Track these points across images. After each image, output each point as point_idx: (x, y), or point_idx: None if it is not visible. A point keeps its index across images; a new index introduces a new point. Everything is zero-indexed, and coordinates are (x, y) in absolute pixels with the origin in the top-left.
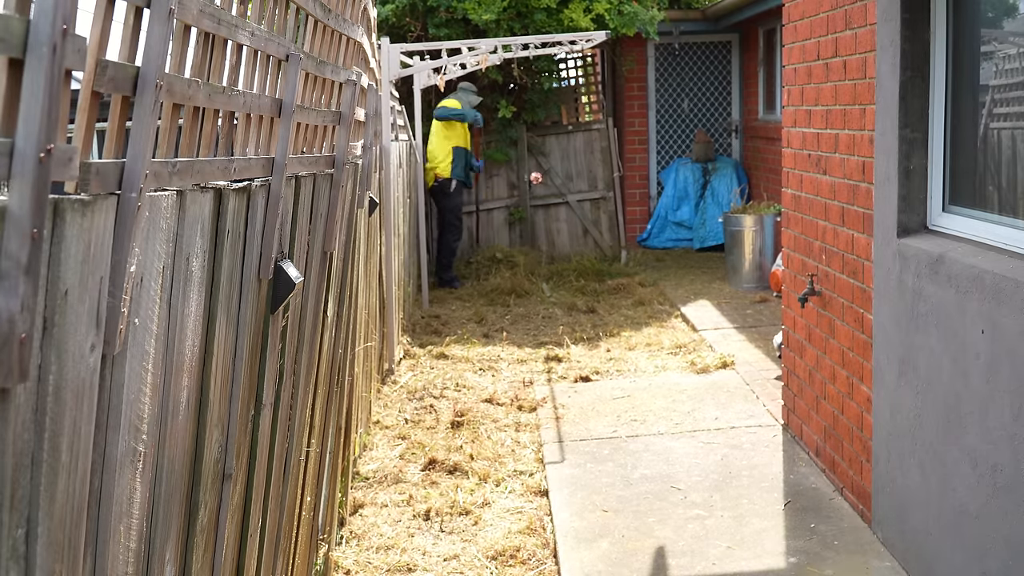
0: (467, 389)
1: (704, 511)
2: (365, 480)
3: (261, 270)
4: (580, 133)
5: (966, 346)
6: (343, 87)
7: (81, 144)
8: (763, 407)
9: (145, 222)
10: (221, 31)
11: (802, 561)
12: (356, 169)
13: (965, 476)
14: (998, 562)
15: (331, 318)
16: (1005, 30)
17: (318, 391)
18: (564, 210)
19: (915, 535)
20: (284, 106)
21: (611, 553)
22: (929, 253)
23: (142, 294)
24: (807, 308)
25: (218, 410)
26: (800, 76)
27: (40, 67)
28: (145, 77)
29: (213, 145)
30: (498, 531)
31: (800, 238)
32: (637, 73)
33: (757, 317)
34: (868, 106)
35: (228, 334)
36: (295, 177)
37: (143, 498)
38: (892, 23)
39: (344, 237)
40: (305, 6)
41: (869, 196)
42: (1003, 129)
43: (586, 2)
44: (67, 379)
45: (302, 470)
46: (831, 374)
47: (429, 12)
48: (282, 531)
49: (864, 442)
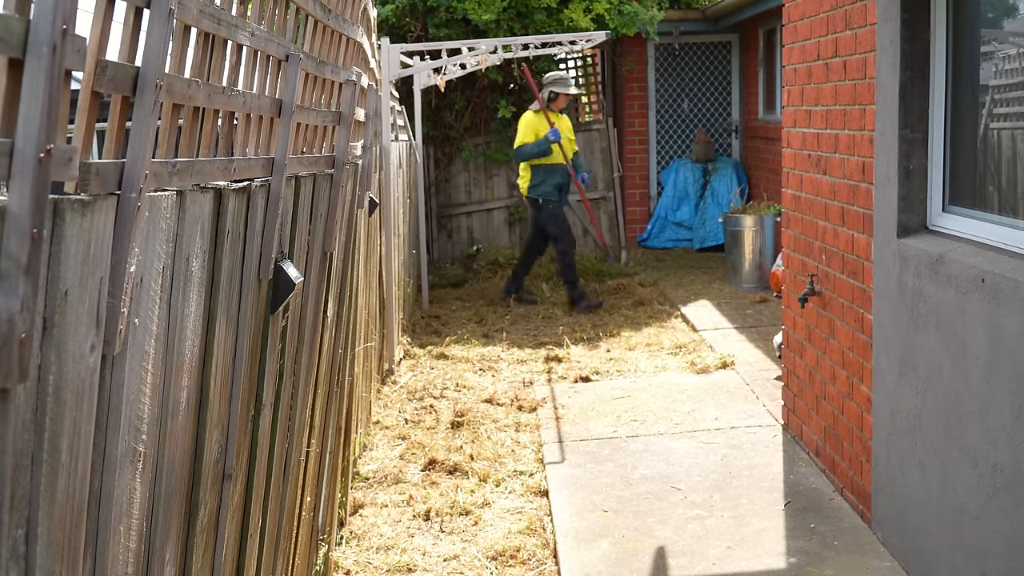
0: (467, 389)
1: (704, 511)
2: (365, 480)
3: (261, 270)
4: (580, 133)
5: (966, 346)
6: (343, 87)
7: (81, 144)
8: (763, 407)
9: (145, 222)
10: (221, 31)
11: (802, 561)
12: (356, 169)
13: (965, 476)
14: (998, 562)
15: (331, 318)
16: (1005, 30)
17: (318, 391)
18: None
19: (915, 535)
20: (284, 106)
21: (611, 553)
22: (929, 253)
23: (142, 294)
24: (807, 308)
25: (218, 410)
26: (800, 76)
27: (40, 67)
28: (145, 77)
29: (213, 145)
30: (498, 531)
31: (800, 238)
32: (637, 73)
33: (757, 317)
34: (868, 106)
35: (228, 334)
36: (295, 177)
37: (143, 498)
38: (892, 23)
39: (344, 237)
40: (305, 6)
41: (869, 196)
42: (1003, 129)
43: (586, 2)
44: (67, 379)
45: (302, 470)
46: (831, 374)
47: (429, 12)
48: (282, 531)
49: (864, 442)
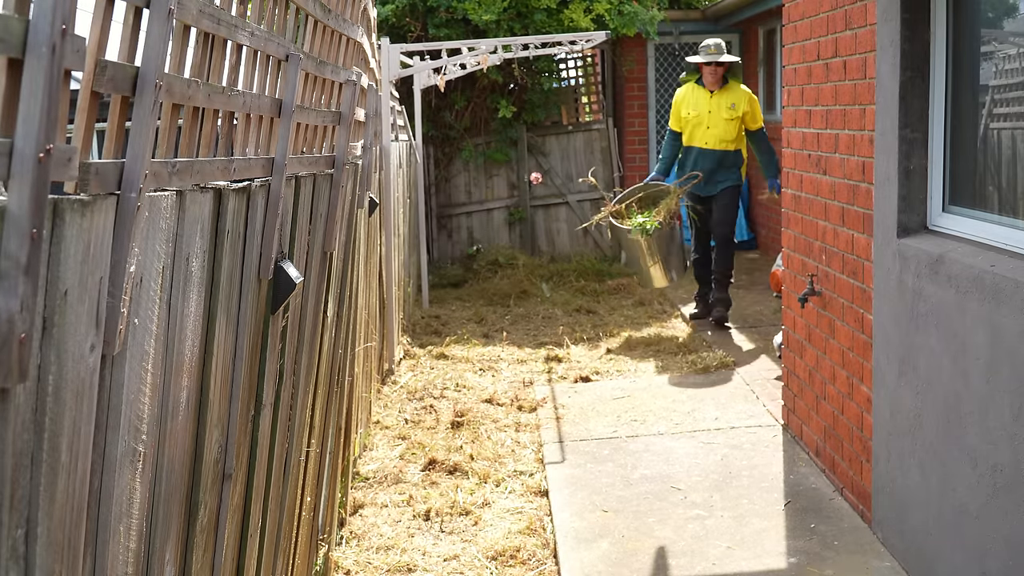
0: (467, 389)
1: (704, 511)
2: (365, 480)
3: (261, 270)
4: (580, 133)
5: (966, 346)
6: (343, 87)
7: (80, 144)
8: (763, 407)
9: (145, 222)
10: (221, 31)
11: (802, 561)
12: (356, 169)
13: (965, 476)
14: (998, 562)
15: (331, 318)
16: (1005, 30)
17: (318, 391)
18: (564, 210)
19: (915, 535)
20: (284, 106)
21: (611, 553)
22: (929, 253)
23: (142, 294)
24: (807, 308)
25: (218, 410)
26: (800, 76)
27: (39, 67)
28: (145, 77)
29: (213, 145)
30: (498, 531)
31: (800, 238)
32: (637, 73)
33: (757, 317)
34: (868, 106)
35: (228, 334)
36: (295, 177)
37: (143, 498)
38: (892, 23)
39: (344, 237)
40: (305, 6)
41: (869, 196)
42: (1003, 129)
43: (586, 2)
44: (67, 379)
45: (302, 470)
46: (831, 374)
47: (429, 12)
48: (282, 531)
49: (864, 442)
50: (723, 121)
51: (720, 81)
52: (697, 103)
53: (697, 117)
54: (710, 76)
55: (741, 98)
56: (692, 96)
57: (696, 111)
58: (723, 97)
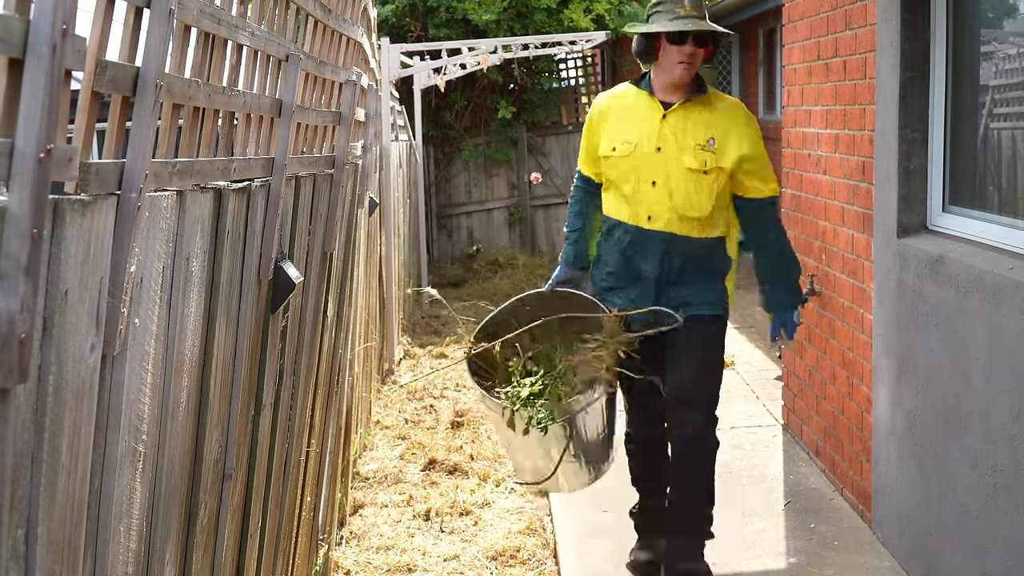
0: (467, 389)
1: None
2: (365, 480)
3: (261, 270)
4: (580, 133)
5: (966, 346)
6: (343, 87)
7: (81, 144)
8: (763, 407)
9: (145, 222)
10: (221, 31)
11: (802, 561)
12: (356, 169)
13: (965, 476)
14: (998, 562)
15: (331, 318)
16: (1005, 30)
17: (318, 391)
18: (564, 210)
19: (915, 535)
20: (284, 106)
21: (611, 553)
22: (929, 253)
23: (142, 294)
24: (807, 308)
25: (218, 410)
26: (800, 76)
27: (40, 67)
28: (145, 77)
29: (213, 145)
30: (498, 531)
31: (800, 238)
32: (637, 73)
33: (757, 317)
34: (868, 106)
35: (228, 334)
36: (295, 177)
37: (143, 498)
38: (892, 23)
39: (344, 237)
40: (305, 6)
41: (869, 196)
42: (1003, 129)
43: (586, 2)
44: (67, 379)
45: (302, 470)
46: (831, 374)
47: (429, 12)
48: (282, 531)
49: (864, 442)
50: (687, 171)
51: (691, 85)
52: (638, 126)
53: (636, 156)
54: (677, 66)
55: (730, 126)
56: (629, 111)
57: (634, 141)
58: (691, 118)
